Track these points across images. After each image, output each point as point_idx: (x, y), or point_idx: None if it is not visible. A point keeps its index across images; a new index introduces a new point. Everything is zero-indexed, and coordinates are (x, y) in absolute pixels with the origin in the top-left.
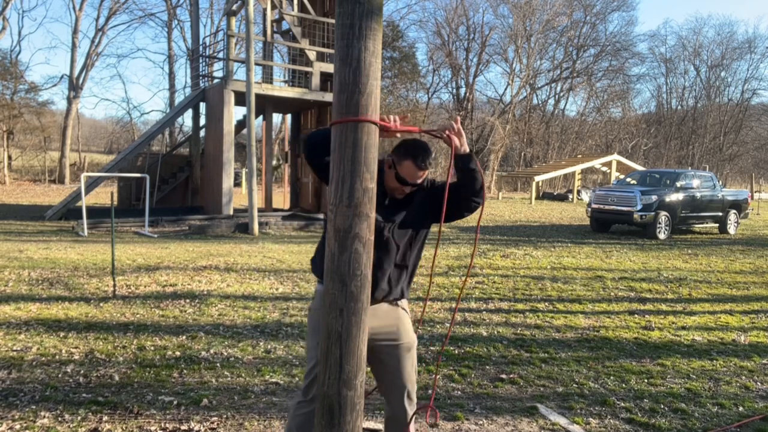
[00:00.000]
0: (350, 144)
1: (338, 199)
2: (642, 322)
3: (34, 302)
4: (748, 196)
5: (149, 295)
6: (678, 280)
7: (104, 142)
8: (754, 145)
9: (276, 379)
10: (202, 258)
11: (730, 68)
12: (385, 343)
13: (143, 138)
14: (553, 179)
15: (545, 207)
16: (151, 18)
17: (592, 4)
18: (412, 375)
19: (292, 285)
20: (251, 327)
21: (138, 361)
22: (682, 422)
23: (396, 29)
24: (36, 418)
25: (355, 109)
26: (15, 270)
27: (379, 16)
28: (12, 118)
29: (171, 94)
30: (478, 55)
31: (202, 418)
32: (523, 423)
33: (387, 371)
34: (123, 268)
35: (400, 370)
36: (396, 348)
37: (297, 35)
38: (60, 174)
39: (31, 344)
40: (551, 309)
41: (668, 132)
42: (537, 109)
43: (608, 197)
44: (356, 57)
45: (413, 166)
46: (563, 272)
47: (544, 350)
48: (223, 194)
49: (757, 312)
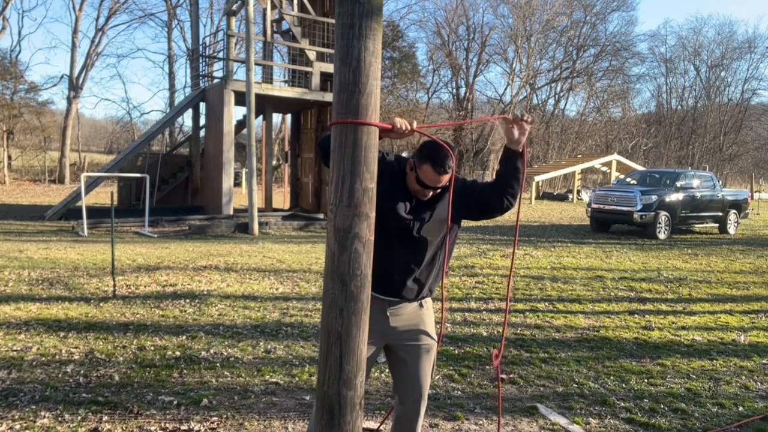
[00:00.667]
0: (350, 144)
1: (338, 199)
2: (642, 322)
3: (34, 302)
4: (748, 196)
5: (149, 295)
6: (678, 280)
7: (104, 142)
8: (754, 145)
9: (276, 379)
10: (202, 258)
11: (730, 68)
12: (407, 343)
13: (143, 138)
14: (553, 179)
15: (545, 207)
16: (151, 18)
17: (592, 4)
18: (429, 377)
19: (292, 285)
20: (251, 327)
21: (138, 361)
22: (682, 422)
23: (396, 29)
24: (36, 418)
25: (355, 109)
26: (15, 270)
27: (379, 15)
28: (12, 118)
29: (171, 94)
30: (478, 55)
31: (202, 418)
32: (523, 423)
33: (405, 370)
34: (123, 268)
35: (418, 371)
36: (417, 348)
37: (297, 35)
38: (60, 174)
39: (31, 344)
40: (551, 309)
41: (668, 132)
42: (537, 109)
43: (608, 197)
44: (356, 57)
45: (432, 171)
46: (563, 272)
47: (544, 350)
48: (223, 194)
49: (757, 312)
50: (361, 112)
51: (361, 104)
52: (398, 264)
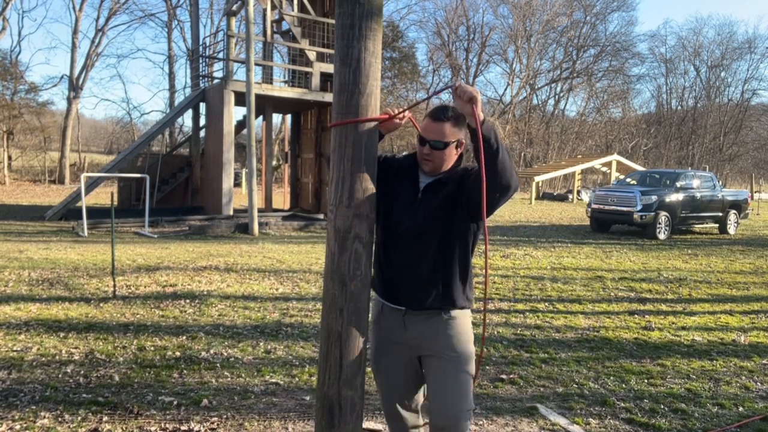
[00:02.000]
0: (350, 144)
1: (338, 200)
2: (642, 322)
3: (34, 302)
4: (748, 196)
5: (149, 295)
6: (678, 281)
7: (104, 142)
8: (754, 146)
9: (276, 380)
10: (202, 258)
11: (730, 68)
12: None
13: (143, 138)
14: (553, 179)
15: (545, 207)
16: (151, 18)
17: (592, 4)
18: (460, 394)
19: (292, 285)
20: (251, 327)
21: (138, 361)
22: (682, 422)
23: (396, 29)
24: (36, 419)
25: (355, 109)
26: (15, 270)
27: (379, 16)
28: (12, 118)
29: (171, 94)
30: (478, 55)
31: (202, 418)
32: (523, 423)
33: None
34: (123, 268)
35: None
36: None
37: (297, 35)
38: (60, 174)
39: (31, 344)
40: (551, 309)
41: (668, 132)
42: (537, 110)
43: (608, 197)
44: (356, 57)
45: (430, 122)
46: (563, 272)
47: (544, 350)
48: (223, 194)
49: (757, 312)
50: (361, 112)
51: (361, 104)
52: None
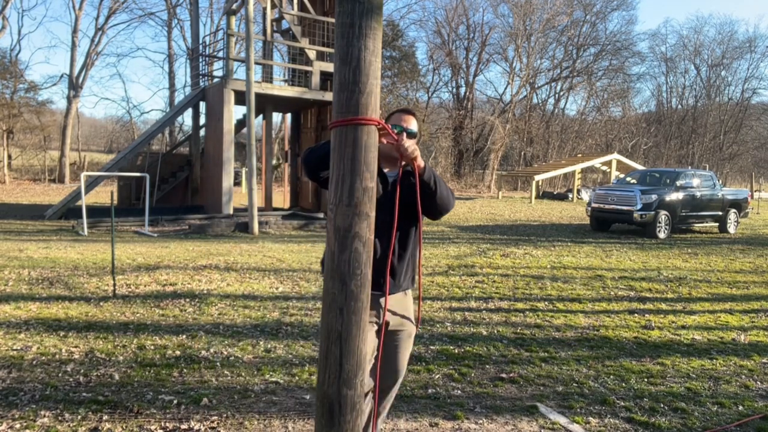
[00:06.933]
0: (350, 143)
1: (338, 199)
2: (642, 321)
3: (34, 301)
4: (748, 195)
5: (149, 294)
6: (678, 280)
7: (104, 141)
8: (754, 145)
9: (276, 379)
10: (202, 257)
11: (730, 67)
12: (393, 329)
13: (143, 137)
14: (553, 178)
15: (545, 206)
16: (151, 17)
17: (592, 3)
18: (406, 361)
19: (292, 284)
20: (251, 326)
21: (138, 360)
22: (681, 421)
23: (396, 28)
24: (36, 418)
25: (355, 108)
26: (15, 269)
27: (379, 15)
28: (12, 117)
29: (171, 93)
30: (478, 54)
31: (202, 417)
32: (523, 422)
33: (385, 354)
34: (123, 267)
35: (398, 355)
36: (399, 333)
37: (297, 34)
38: (60, 173)
39: (31, 343)
40: (551, 308)
41: (668, 131)
42: (537, 109)
43: (608, 196)
44: (356, 56)
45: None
46: (563, 271)
47: (544, 349)
48: (223, 193)
49: (757, 311)
50: (361, 111)
51: (361, 103)
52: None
